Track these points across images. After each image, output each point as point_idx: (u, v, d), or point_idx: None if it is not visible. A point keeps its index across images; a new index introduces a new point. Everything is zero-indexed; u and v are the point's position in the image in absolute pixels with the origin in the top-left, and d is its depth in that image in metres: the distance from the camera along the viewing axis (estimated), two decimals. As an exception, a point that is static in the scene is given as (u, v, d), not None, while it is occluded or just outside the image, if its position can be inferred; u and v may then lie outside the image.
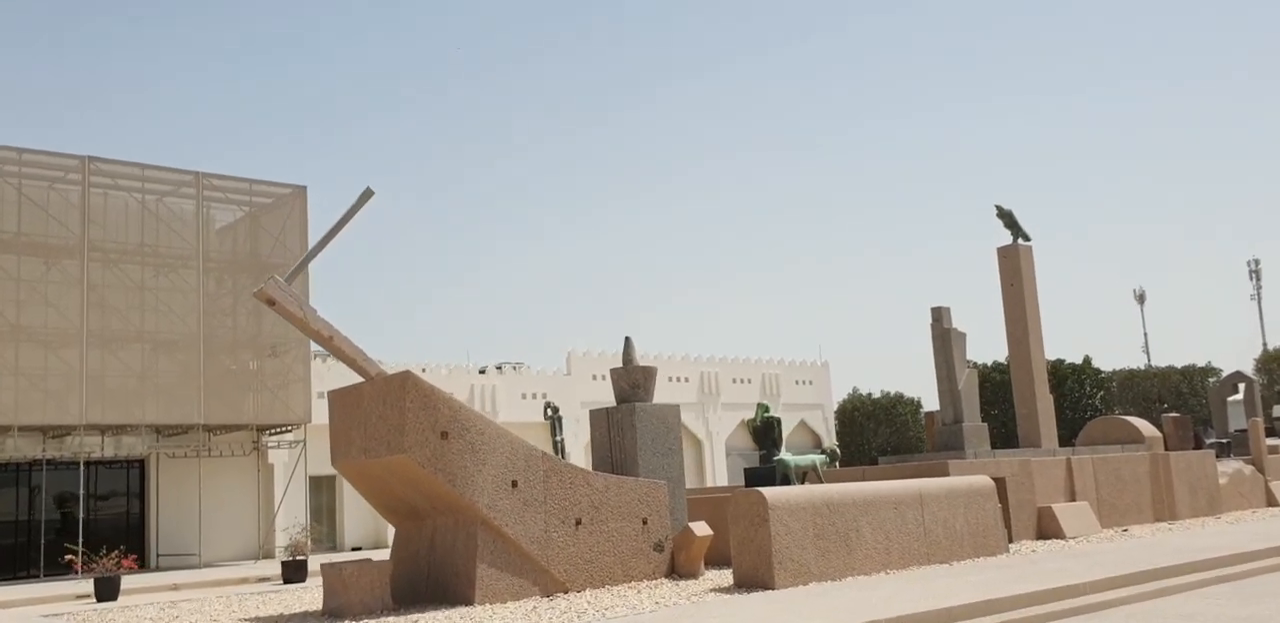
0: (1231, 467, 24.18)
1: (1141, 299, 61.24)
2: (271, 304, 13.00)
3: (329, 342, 13.18)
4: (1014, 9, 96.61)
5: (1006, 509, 18.12)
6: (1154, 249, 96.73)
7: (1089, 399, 41.89)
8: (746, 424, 17.90)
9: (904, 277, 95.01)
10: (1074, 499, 19.60)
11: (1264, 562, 13.83)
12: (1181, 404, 41.50)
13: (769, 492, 13.05)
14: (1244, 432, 30.67)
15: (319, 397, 29.07)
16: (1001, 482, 18.27)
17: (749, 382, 42.74)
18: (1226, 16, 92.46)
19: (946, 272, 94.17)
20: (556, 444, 22.14)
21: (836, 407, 46.56)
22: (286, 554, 20.28)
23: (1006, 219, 23.21)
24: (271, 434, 29.13)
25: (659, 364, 39.88)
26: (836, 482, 17.79)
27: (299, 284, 27.88)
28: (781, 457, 16.14)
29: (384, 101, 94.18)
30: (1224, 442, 27.78)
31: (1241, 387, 32.35)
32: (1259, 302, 58.64)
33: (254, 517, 29.42)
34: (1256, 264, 59.19)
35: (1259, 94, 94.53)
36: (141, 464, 28.62)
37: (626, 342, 16.17)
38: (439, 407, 12.94)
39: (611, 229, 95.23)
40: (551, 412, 22.43)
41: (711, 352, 45.70)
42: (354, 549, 30.93)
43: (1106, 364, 60.40)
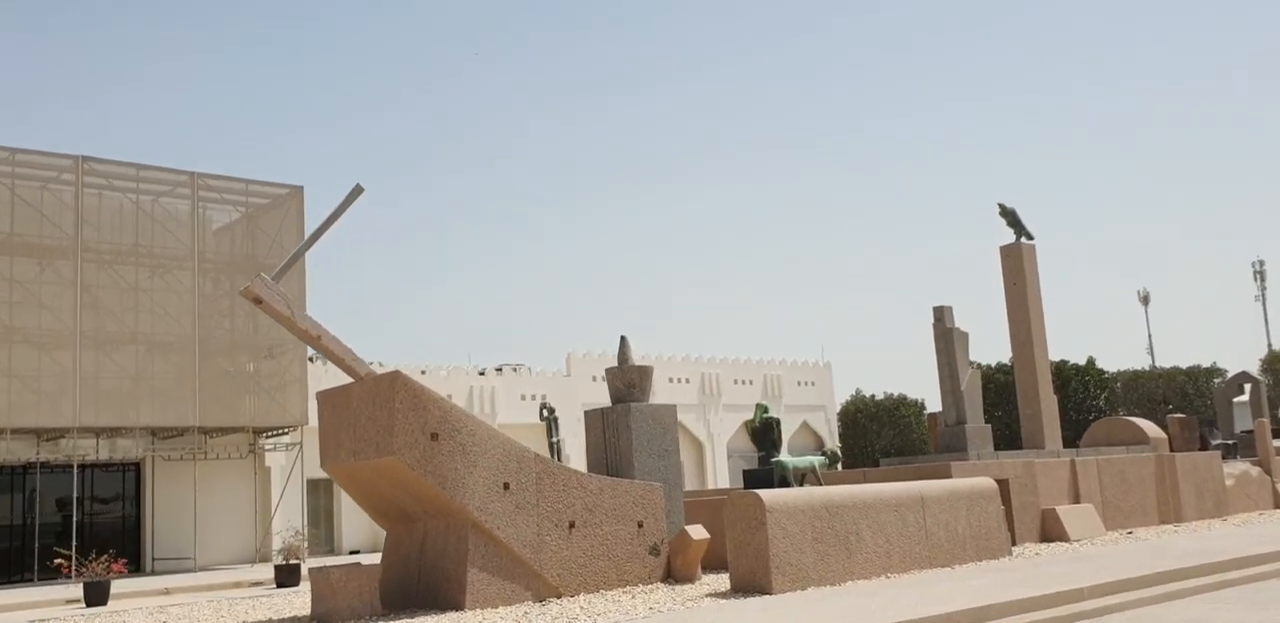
0: (1238, 468, 23.90)
1: (1145, 300, 60.93)
2: (258, 303, 12.75)
3: (317, 341, 12.93)
4: (1015, 8, 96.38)
5: (1010, 512, 17.85)
6: (1158, 250, 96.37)
7: (1093, 400, 41.53)
8: (746, 425, 17.60)
9: (907, 277, 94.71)
10: (1078, 501, 19.32)
11: (1273, 565, 13.53)
12: (1186, 405, 41.16)
13: (766, 494, 12.77)
14: (1250, 433, 30.40)
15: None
16: (1005, 484, 17.99)
17: (750, 383, 42.44)
18: (1228, 16, 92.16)
19: (950, 272, 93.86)
20: (553, 446, 21.89)
21: (839, 408, 46.21)
22: (281, 558, 20.03)
23: (1009, 217, 22.93)
24: (268, 437, 28.91)
25: (659, 365, 39.61)
26: (837, 484, 17.52)
27: (294, 284, 27.65)
28: (779, 458, 15.85)
29: (383, 101, 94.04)
30: (1230, 443, 27.48)
31: (1247, 387, 32.04)
32: (1263, 302, 58.37)
33: (251, 520, 29.17)
34: (1261, 265, 58.95)
35: (1263, 94, 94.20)
36: (137, 467, 28.41)
37: (622, 341, 15.91)
38: (429, 407, 12.69)
39: (612, 229, 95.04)
40: (548, 413, 22.18)
41: (713, 352, 45.46)
42: (352, 553, 30.68)
43: (1111, 365, 60.09)
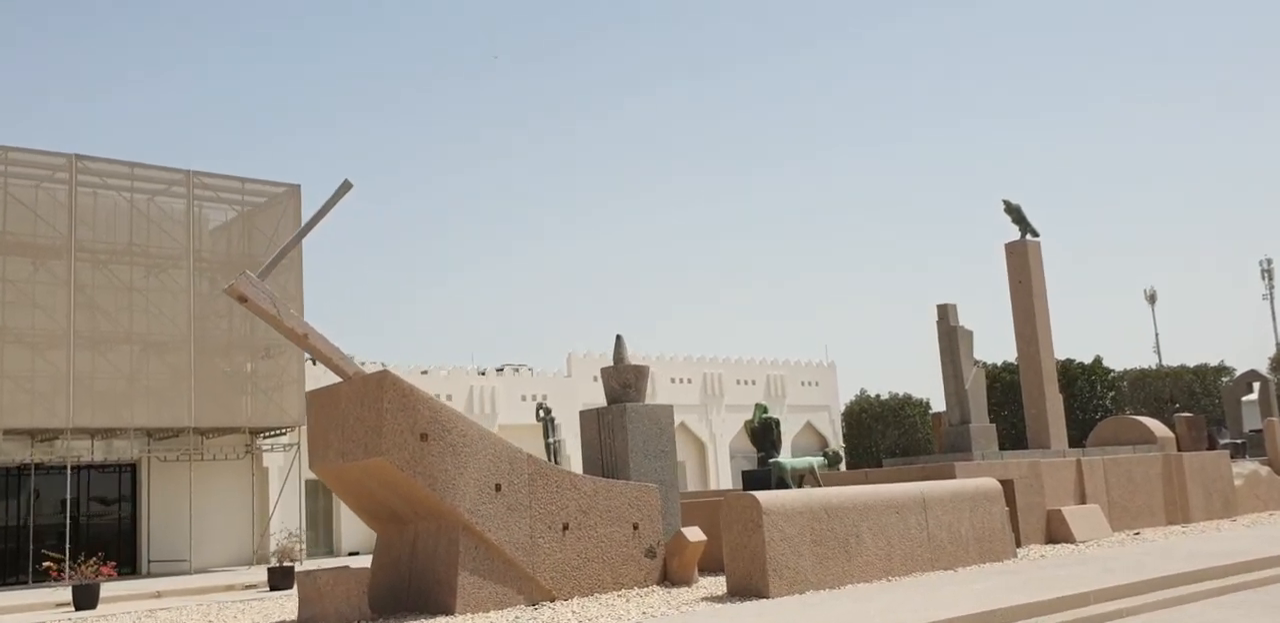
0: (1247, 468, 23.56)
1: (1152, 299, 60.51)
2: (243, 301, 12.46)
3: (303, 340, 12.64)
4: (1025, 6, 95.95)
5: (1015, 512, 17.52)
6: (1165, 248, 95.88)
7: (1099, 400, 41.15)
8: (745, 426, 17.29)
9: (912, 276, 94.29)
10: (1084, 502, 18.98)
11: (1285, 568, 13.19)
12: (1194, 404, 40.75)
13: (763, 496, 12.46)
14: (1259, 432, 30.02)
15: (313, 399, 28.58)
16: (1009, 484, 17.66)
17: (753, 383, 42.09)
18: (1233, 15, 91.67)
19: (955, 270, 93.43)
20: (549, 446, 21.58)
21: (843, 408, 45.86)
22: (275, 561, 19.73)
23: (1014, 214, 22.59)
24: (266, 437, 28.62)
25: (661, 365, 39.28)
26: (839, 485, 17.20)
27: (291, 283, 27.38)
28: (777, 459, 15.51)
29: (384, 101, 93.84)
30: (1239, 442, 27.11)
31: (1256, 386, 31.64)
32: (1271, 301, 57.96)
33: (248, 522, 28.89)
34: (1269, 264, 58.55)
35: (1272, 93, 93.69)
36: (133, 468, 28.13)
37: (618, 340, 15.60)
38: (418, 407, 12.39)
39: (614, 229, 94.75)
40: (544, 413, 21.85)
41: (715, 352, 45.12)
42: (351, 554, 30.40)
43: (1117, 364, 59.66)
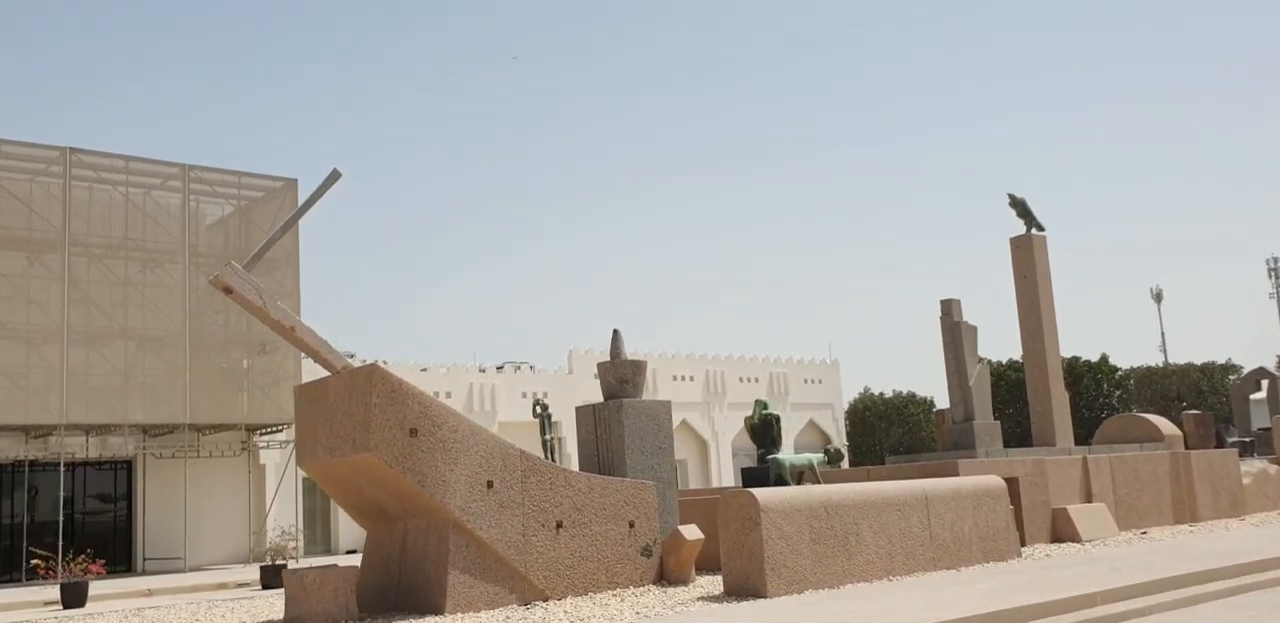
0: (1255, 466, 23.22)
1: (1159, 298, 60.13)
2: (229, 293, 12.18)
3: (290, 333, 12.35)
4: (1028, 3, 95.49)
5: (1019, 511, 17.19)
6: (1172, 247, 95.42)
7: (1106, 398, 40.81)
8: (745, 422, 16.98)
9: (916, 273, 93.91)
10: (1090, 500, 18.65)
11: (1296, 568, 12.86)
12: (1201, 402, 40.38)
13: (761, 493, 12.16)
14: (1267, 430, 29.68)
15: (311, 395, 28.34)
16: (1014, 482, 17.34)
17: (756, 380, 41.80)
18: (1241, 13, 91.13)
19: (960, 268, 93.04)
20: (545, 443, 21.32)
21: (847, 406, 45.55)
22: (268, 559, 19.48)
23: (1019, 208, 22.27)
24: (262, 434, 28.39)
25: (663, 362, 39.00)
26: (840, 482, 16.90)
27: (288, 278, 27.14)
28: (775, 456, 15.21)
29: (386, 98, 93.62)
30: (1247, 440, 26.76)
31: (1264, 384, 31.29)
32: (1278, 300, 57.59)
33: (245, 519, 28.64)
34: (1276, 263, 58.22)
35: (1277, 91, 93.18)
36: (129, 465, 27.90)
37: (615, 335, 15.32)
38: (407, 402, 12.11)
39: (616, 227, 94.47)
40: (541, 410, 21.58)
41: (717, 350, 44.79)
42: (349, 553, 30.17)
43: (1124, 362, 59.28)
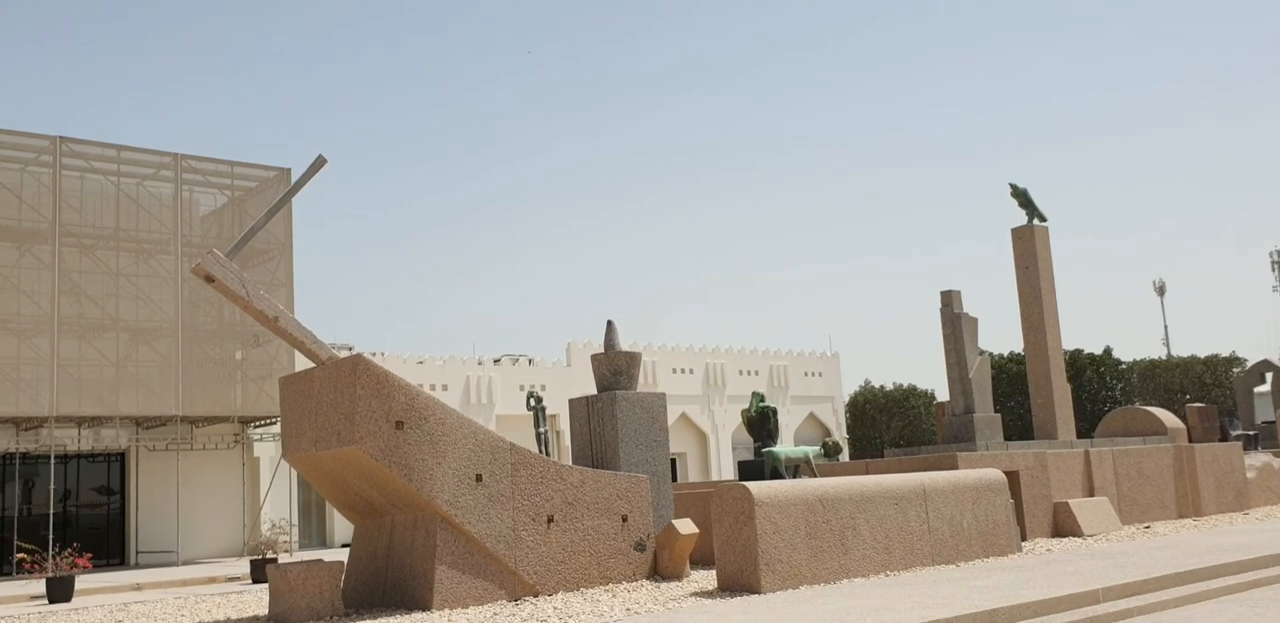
0: (1259, 460, 22.95)
1: (1161, 291, 59.75)
2: (210, 282, 11.90)
3: (273, 323, 12.08)
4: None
5: (1020, 505, 16.93)
6: (1175, 240, 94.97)
7: (1109, 391, 40.51)
8: (742, 415, 16.70)
9: (918, 266, 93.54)
10: (1092, 494, 18.38)
11: (1302, 563, 12.58)
12: (1205, 395, 40.06)
13: (755, 486, 11.88)
14: (1272, 423, 29.39)
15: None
16: (1015, 475, 17.07)
17: (756, 373, 41.51)
18: (1250, 7, 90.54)
19: (962, 261, 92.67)
20: (540, 436, 21.04)
21: (847, 399, 45.26)
22: (256, 553, 19.23)
23: (1021, 198, 21.93)
24: (256, 427, 28.13)
25: (663, 355, 38.70)
26: (838, 476, 16.64)
27: (281, 269, 26.85)
28: (770, 449, 14.92)
29: (390, 94, 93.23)
30: (1251, 434, 26.44)
31: (1269, 377, 30.98)
32: (1282, 293, 57.24)
33: (239, 512, 28.41)
34: (1279, 256, 57.85)
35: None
36: (122, 458, 27.66)
37: (609, 325, 15.03)
38: (393, 394, 11.84)
39: (618, 219, 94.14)
40: (535, 402, 21.30)
41: (717, 342, 44.49)
42: (344, 546, 29.92)
43: (1126, 355, 58.95)
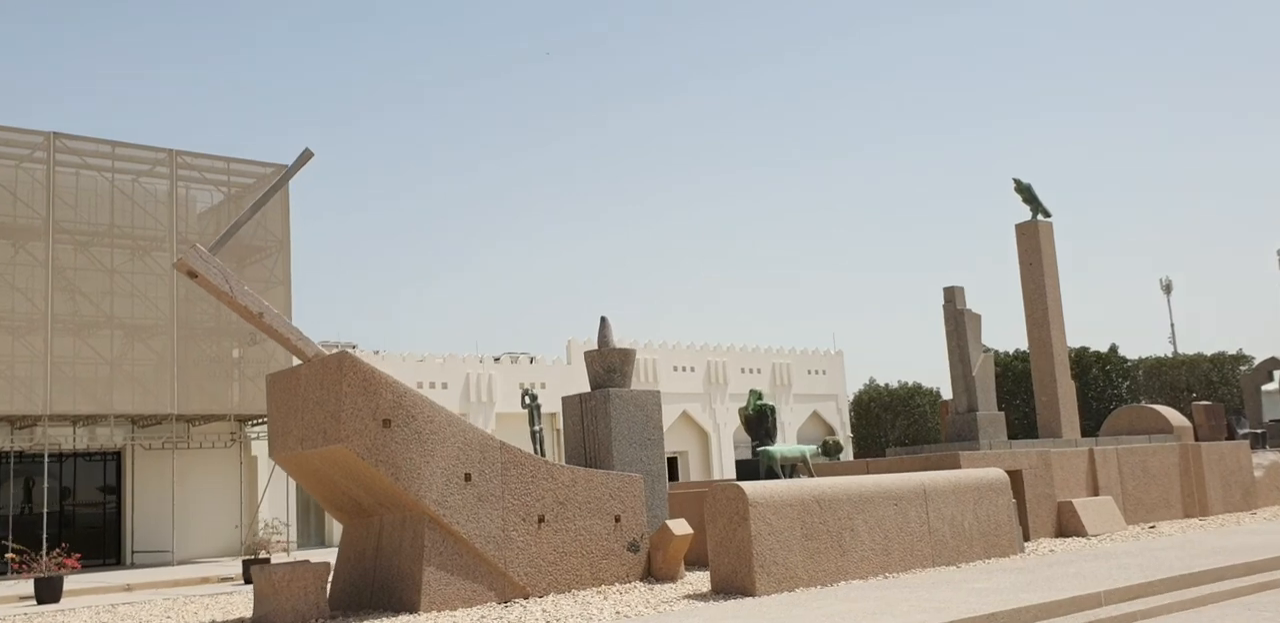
0: (1267, 459, 22.63)
1: (1168, 289, 59.35)
2: (193, 277, 11.66)
3: (258, 319, 11.83)
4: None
5: (1023, 505, 16.65)
6: (1181, 237, 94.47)
7: (1115, 389, 40.16)
8: (740, 413, 16.42)
9: (923, 264, 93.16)
10: (1097, 493, 18.09)
11: (1311, 565, 12.28)
12: (1212, 393, 39.71)
13: (749, 486, 11.62)
14: (1279, 422, 29.05)
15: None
16: (1018, 475, 16.79)
17: (758, 371, 41.21)
18: (1253, 6, 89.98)
19: (968, 257, 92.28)
20: (534, 435, 20.80)
21: (851, 398, 44.95)
22: (251, 552, 19.01)
23: (1025, 193, 21.64)
24: (254, 425, 27.92)
25: (664, 353, 38.43)
26: (838, 475, 16.37)
27: (279, 267, 26.63)
28: (765, 448, 14.64)
29: (394, 89, 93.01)
30: (1258, 432, 26.12)
31: (1276, 374, 30.64)
32: (1288, 290, 56.88)
33: (236, 512, 28.20)
34: (1287, 254, 57.41)
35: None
36: (118, 457, 27.46)
37: (602, 322, 14.76)
38: (380, 392, 11.59)
39: (620, 217, 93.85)
40: (530, 400, 21.05)
41: (719, 340, 44.19)
42: (342, 545, 29.70)
43: (1133, 353, 58.60)
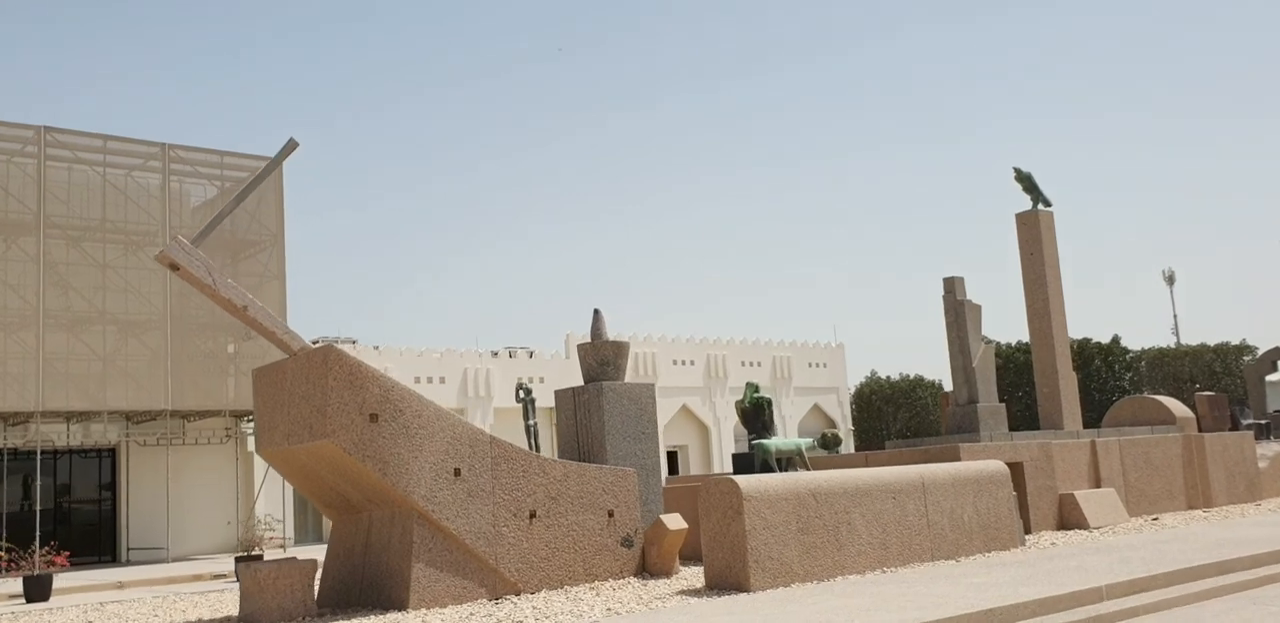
0: (1271, 449, 22.41)
1: (1171, 280, 59.05)
2: (175, 270, 11.44)
3: (242, 312, 11.61)
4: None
5: (1024, 497, 16.43)
6: (1183, 227, 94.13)
7: (1117, 380, 39.93)
8: (736, 406, 16.21)
9: (924, 253, 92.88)
10: (1099, 485, 17.87)
11: (1317, 557, 12.06)
12: (1215, 384, 39.46)
13: (744, 480, 11.40)
14: (1284, 412, 28.80)
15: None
16: (1019, 467, 16.56)
17: (759, 365, 40.98)
18: (1258, 3, 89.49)
19: (969, 248, 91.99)
20: (529, 429, 20.60)
21: (853, 390, 44.72)
22: (244, 549, 18.82)
23: (1025, 182, 21.40)
24: (249, 421, 27.71)
25: (663, 346, 38.21)
26: (836, 468, 16.15)
27: (273, 262, 26.41)
28: (760, 441, 14.43)
29: (399, 85, 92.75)
30: (1262, 423, 25.90)
31: (1280, 364, 30.41)
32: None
33: (232, 508, 28.02)
34: (1289, 243, 57.17)
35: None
36: (113, 453, 27.28)
37: (595, 314, 14.55)
38: (367, 385, 11.38)
39: (620, 210, 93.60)
40: (524, 394, 20.86)
41: (719, 333, 43.96)
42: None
43: (1135, 344, 58.32)
